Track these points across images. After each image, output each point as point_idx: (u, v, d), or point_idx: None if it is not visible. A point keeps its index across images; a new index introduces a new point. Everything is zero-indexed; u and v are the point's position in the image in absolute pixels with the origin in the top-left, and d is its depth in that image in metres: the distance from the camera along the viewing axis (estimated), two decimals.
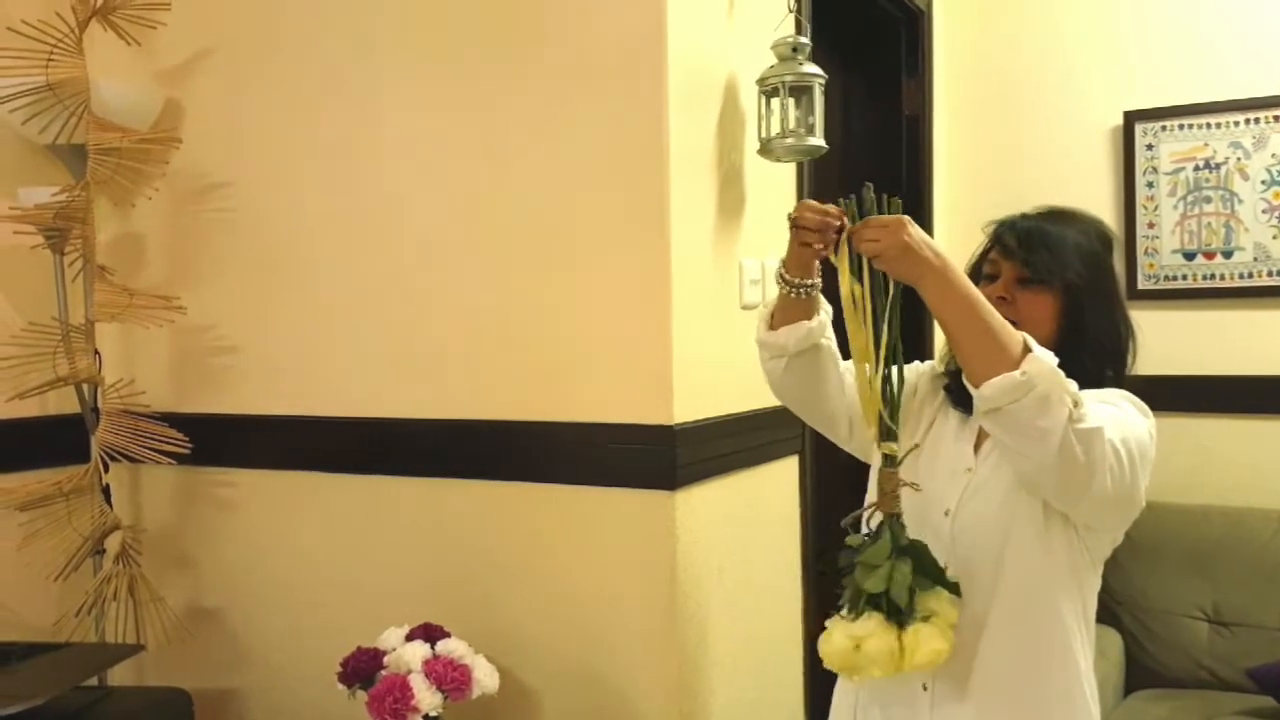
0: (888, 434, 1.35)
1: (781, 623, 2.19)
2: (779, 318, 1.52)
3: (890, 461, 1.35)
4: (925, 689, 1.45)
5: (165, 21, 2.12)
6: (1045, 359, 1.26)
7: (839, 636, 1.31)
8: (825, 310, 1.52)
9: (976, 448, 1.49)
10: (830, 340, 1.54)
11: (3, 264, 2.14)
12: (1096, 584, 1.52)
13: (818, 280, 1.47)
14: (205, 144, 2.23)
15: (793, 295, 1.47)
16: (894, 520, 1.33)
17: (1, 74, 1.96)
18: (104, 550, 2.14)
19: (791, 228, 1.40)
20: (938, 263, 1.28)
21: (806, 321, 1.50)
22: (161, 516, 2.31)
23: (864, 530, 1.37)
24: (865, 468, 1.57)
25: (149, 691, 2.16)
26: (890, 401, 1.35)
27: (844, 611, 1.33)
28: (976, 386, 1.27)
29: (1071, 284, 1.44)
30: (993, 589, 1.42)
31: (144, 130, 2.16)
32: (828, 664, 1.33)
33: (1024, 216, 1.52)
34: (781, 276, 1.47)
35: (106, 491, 2.13)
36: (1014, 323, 1.34)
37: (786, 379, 1.55)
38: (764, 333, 1.55)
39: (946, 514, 1.45)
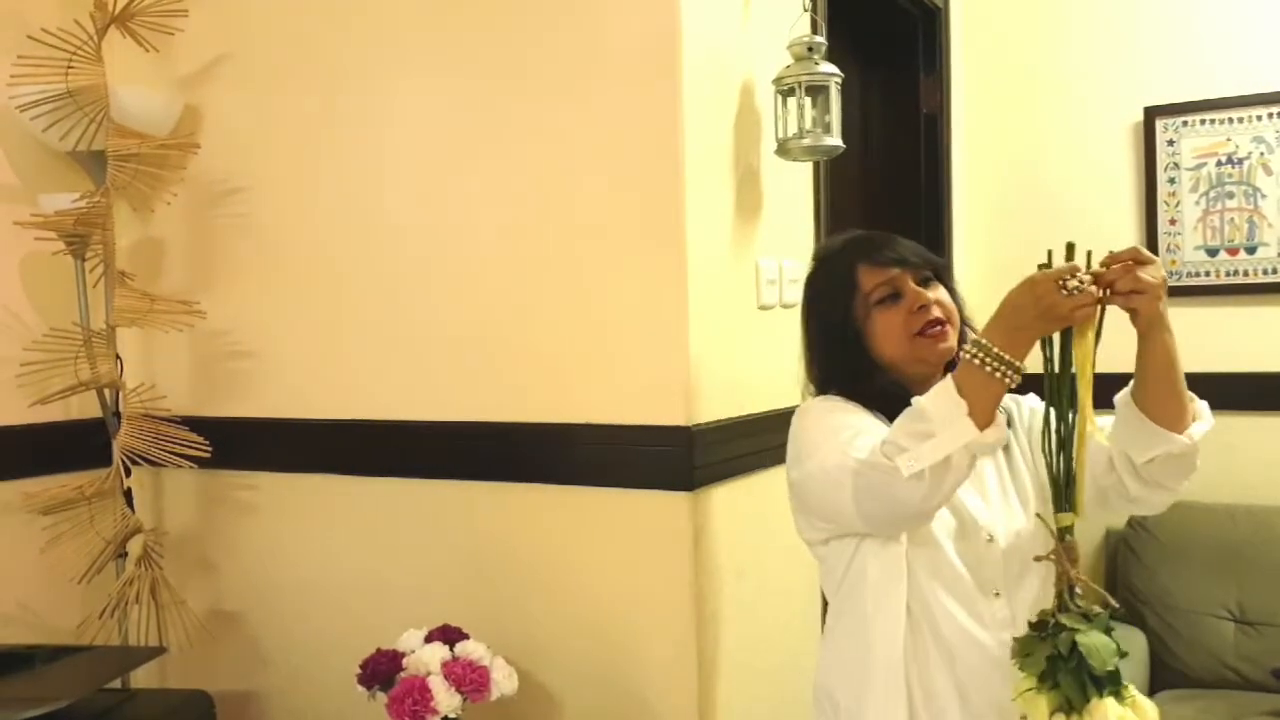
0: (1072, 503, 1.26)
1: (801, 626, 2.18)
2: (984, 415, 1.22)
3: (1070, 532, 1.26)
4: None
5: (183, 28, 2.13)
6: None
7: None
8: None
9: None
10: None
11: (25, 270, 2.15)
12: None
13: None
14: (223, 149, 2.24)
15: (1011, 384, 1.22)
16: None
17: (22, 81, 1.97)
18: (126, 553, 2.15)
19: (1078, 298, 1.19)
20: None
21: (1001, 417, 1.27)
22: (183, 520, 2.32)
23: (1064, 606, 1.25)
24: None
25: (171, 694, 2.17)
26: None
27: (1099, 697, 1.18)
28: (1179, 431, 1.31)
29: (948, 271, 1.53)
30: (1044, 601, 1.39)
31: (163, 136, 2.17)
32: None
33: (870, 238, 1.53)
34: (1011, 365, 1.21)
35: (128, 495, 2.14)
36: (945, 320, 1.43)
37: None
38: (977, 434, 1.21)
39: (990, 540, 1.42)
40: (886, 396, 1.42)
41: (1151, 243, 3.12)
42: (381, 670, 1.79)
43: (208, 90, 2.26)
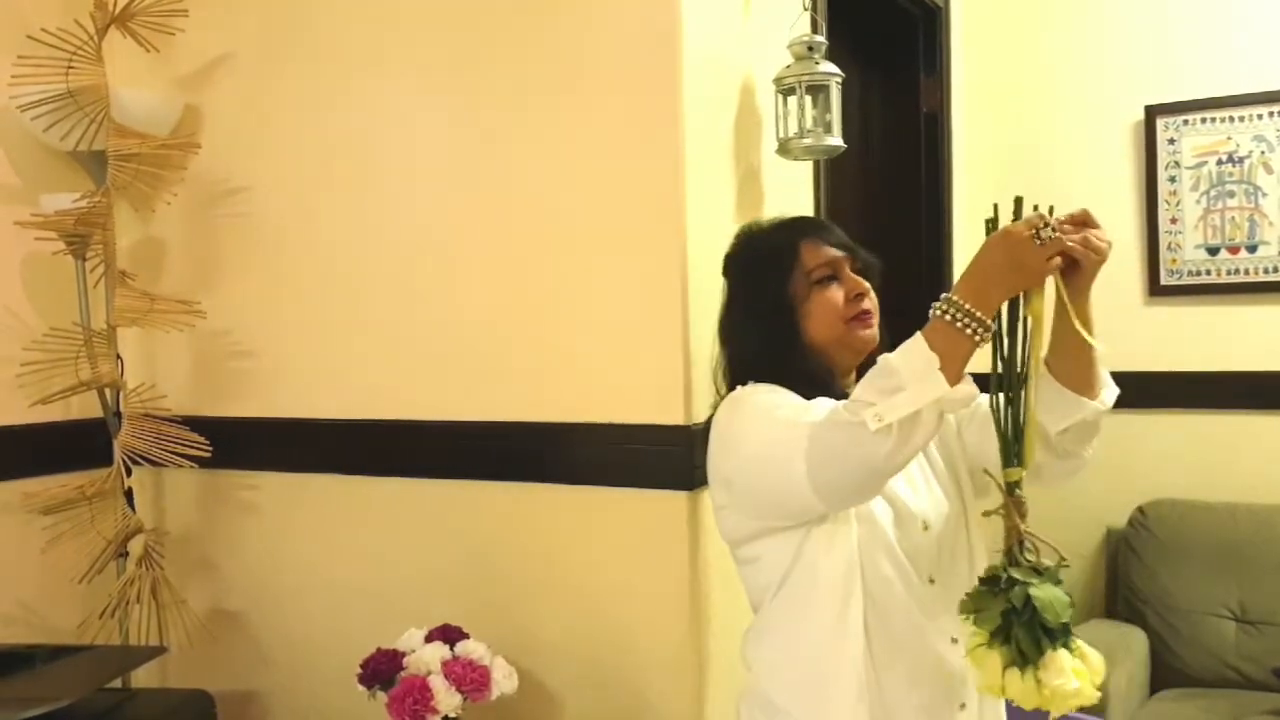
0: (1020, 457, 1.25)
1: None
2: (955, 372, 1.18)
3: (1019, 486, 1.26)
4: (963, 708, 1.40)
5: (183, 28, 2.13)
6: None
7: (1071, 676, 1.17)
8: None
9: None
10: None
11: (25, 270, 2.16)
12: None
13: None
14: (223, 149, 2.24)
15: (980, 341, 1.20)
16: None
17: (23, 81, 1.98)
18: (127, 553, 2.15)
19: (1049, 247, 1.20)
20: None
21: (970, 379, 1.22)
22: (183, 519, 2.33)
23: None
24: None
25: (172, 693, 2.17)
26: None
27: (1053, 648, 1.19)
28: (1094, 397, 1.34)
29: (874, 270, 1.51)
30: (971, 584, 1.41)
31: (163, 136, 2.17)
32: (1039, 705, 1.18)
33: (812, 220, 1.58)
34: (982, 322, 1.18)
35: (129, 495, 2.15)
36: (869, 313, 1.44)
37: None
38: (949, 390, 1.16)
39: (926, 528, 1.40)
40: (811, 379, 1.38)
41: (1152, 241, 3.13)
42: (382, 669, 1.79)
43: (208, 90, 2.26)
